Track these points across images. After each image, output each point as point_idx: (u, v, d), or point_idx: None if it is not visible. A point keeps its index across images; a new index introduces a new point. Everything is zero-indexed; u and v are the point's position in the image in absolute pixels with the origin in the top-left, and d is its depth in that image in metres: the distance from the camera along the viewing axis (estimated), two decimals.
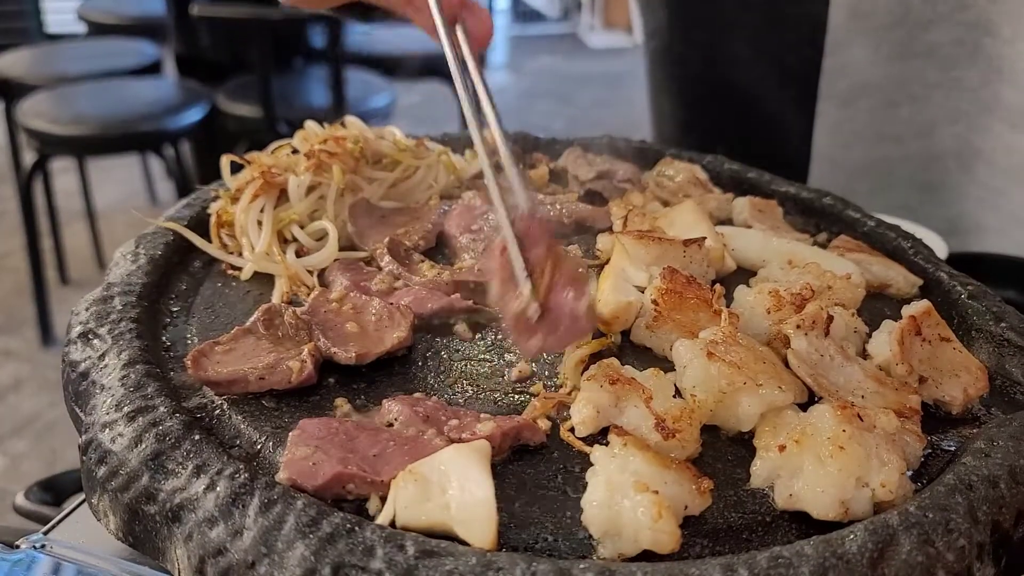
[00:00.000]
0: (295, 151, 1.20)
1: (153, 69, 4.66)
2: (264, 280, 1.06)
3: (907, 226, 1.65)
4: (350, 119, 1.25)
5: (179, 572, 0.71)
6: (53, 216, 4.40)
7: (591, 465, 0.76)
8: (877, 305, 1.07)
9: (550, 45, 8.67)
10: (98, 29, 5.39)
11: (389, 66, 4.81)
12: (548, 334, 0.83)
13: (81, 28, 5.65)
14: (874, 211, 1.87)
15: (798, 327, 0.90)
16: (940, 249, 1.60)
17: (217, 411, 0.84)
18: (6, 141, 4.28)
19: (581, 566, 0.65)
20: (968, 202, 1.81)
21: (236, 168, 1.18)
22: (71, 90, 4.09)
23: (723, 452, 0.83)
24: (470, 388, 0.90)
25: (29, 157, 3.92)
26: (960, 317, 1.04)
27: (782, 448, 0.78)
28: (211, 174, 1.25)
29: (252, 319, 0.91)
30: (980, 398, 0.92)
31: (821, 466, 0.75)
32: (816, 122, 1.80)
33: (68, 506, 1.00)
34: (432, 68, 4.84)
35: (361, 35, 5.11)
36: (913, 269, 1.13)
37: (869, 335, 0.97)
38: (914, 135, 1.80)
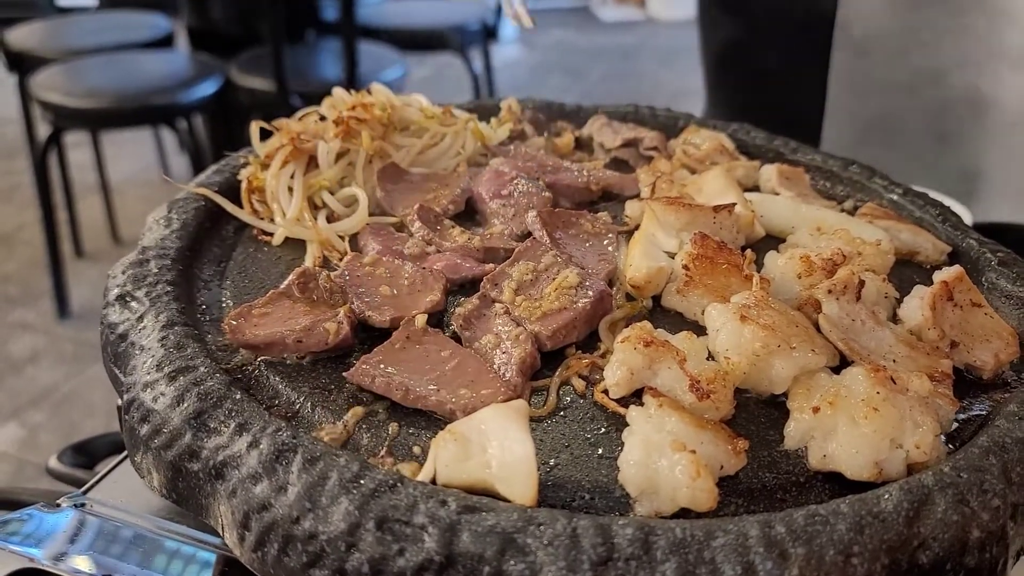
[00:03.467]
0: (322, 118, 1.20)
1: (166, 42, 4.64)
2: (295, 245, 1.06)
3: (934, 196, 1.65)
4: (376, 86, 1.25)
5: (222, 528, 0.72)
6: (68, 189, 4.40)
7: (625, 426, 0.77)
8: (906, 272, 1.07)
9: (562, 19, 8.59)
10: (109, 2, 5.37)
11: (401, 39, 4.79)
12: None
13: (92, 1, 5.64)
14: (890, 163, 1.92)
15: (830, 292, 0.90)
16: (965, 218, 1.60)
17: (255, 372, 0.85)
18: (20, 114, 4.27)
19: (621, 522, 0.66)
20: (980, 150, 1.84)
21: (264, 136, 1.18)
22: (84, 63, 4.08)
23: (755, 414, 0.83)
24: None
25: (43, 130, 3.92)
26: (990, 283, 1.04)
27: (816, 410, 0.78)
28: (224, 148, 1.26)
29: (287, 282, 0.92)
30: (1011, 363, 0.93)
31: (855, 427, 0.76)
32: (830, 72, 1.83)
33: (102, 469, 1.02)
34: (443, 41, 4.82)
35: (373, 7, 5.09)
36: (941, 236, 1.13)
37: (899, 301, 0.98)
38: (925, 83, 1.83)
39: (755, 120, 2.21)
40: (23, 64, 4.21)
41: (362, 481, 0.69)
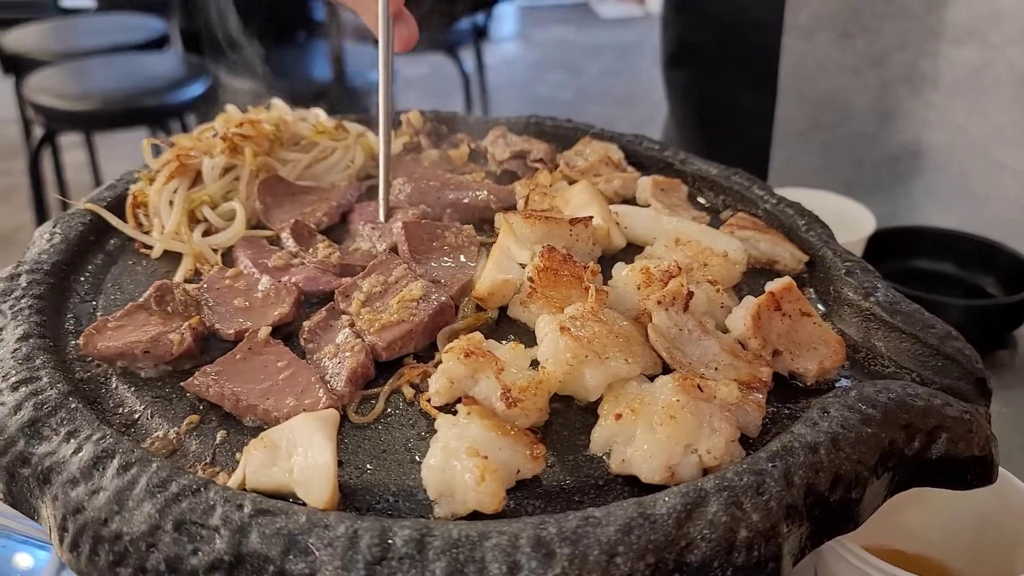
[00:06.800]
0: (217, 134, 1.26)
1: (160, 44, 4.72)
2: (175, 259, 1.12)
3: (839, 201, 1.68)
4: (275, 101, 1.31)
5: (50, 530, 0.78)
6: (63, 190, 4.49)
7: None
8: (761, 281, 1.11)
9: (561, 15, 8.61)
10: (109, 3, 5.47)
11: None
12: None
13: (91, 2, 5.75)
14: (838, 141, 2.05)
15: (659, 303, 0.94)
16: (869, 222, 1.63)
17: (107, 382, 0.91)
18: (17, 116, 4.36)
19: (402, 523, 0.71)
20: (918, 125, 1.96)
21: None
22: (77, 65, 4.16)
23: (573, 420, 0.88)
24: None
25: (38, 132, 4.02)
26: (837, 292, 1.07)
27: (619, 416, 0.83)
28: None
29: (145, 295, 0.97)
30: (841, 369, 0.97)
31: (652, 433, 0.81)
32: (781, 55, 1.95)
33: None
34: (432, 42, 4.86)
35: None
36: (802, 246, 1.16)
37: None
38: (868, 65, 1.95)
39: (708, 116, 2.29)
40: (19, 66, 4.30)
41: (169, 486, 0.74)
